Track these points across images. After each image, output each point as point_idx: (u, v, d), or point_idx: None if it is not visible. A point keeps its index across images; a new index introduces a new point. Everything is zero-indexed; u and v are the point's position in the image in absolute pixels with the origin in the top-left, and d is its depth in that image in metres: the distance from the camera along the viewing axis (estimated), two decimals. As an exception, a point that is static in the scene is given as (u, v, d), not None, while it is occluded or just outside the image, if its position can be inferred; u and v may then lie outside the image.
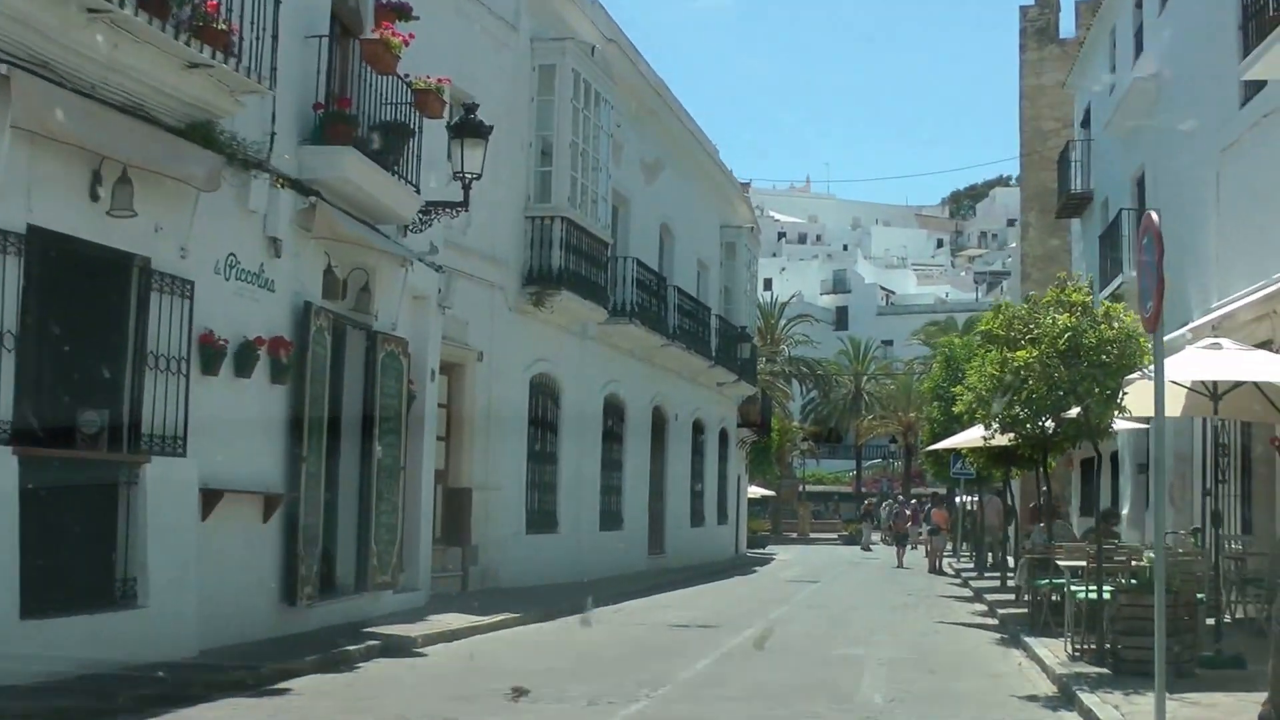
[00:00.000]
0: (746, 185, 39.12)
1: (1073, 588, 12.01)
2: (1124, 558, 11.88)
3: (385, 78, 13.58)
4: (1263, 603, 12.78)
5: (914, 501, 46.82)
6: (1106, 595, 10.90)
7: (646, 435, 27.45)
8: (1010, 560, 24.81)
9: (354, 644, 11.61)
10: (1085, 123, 30.53)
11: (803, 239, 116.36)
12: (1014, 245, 59.34)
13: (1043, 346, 11.14)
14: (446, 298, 16.80)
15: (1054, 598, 14.14)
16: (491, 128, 15.05)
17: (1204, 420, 16.75)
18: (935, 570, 31.46)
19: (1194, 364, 10.80)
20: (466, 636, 13.58)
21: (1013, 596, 19.32)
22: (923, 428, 37.85)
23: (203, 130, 10.40)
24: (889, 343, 78.81)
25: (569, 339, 22.57)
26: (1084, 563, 11.90)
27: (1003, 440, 16.25)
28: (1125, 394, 10.89)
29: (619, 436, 25.82)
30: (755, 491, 48.91)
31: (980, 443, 17.42)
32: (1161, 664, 7.43)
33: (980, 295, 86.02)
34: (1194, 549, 14.29)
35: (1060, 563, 12.84)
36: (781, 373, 59.52)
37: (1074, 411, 11.69)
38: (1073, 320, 11.14)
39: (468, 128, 14.83)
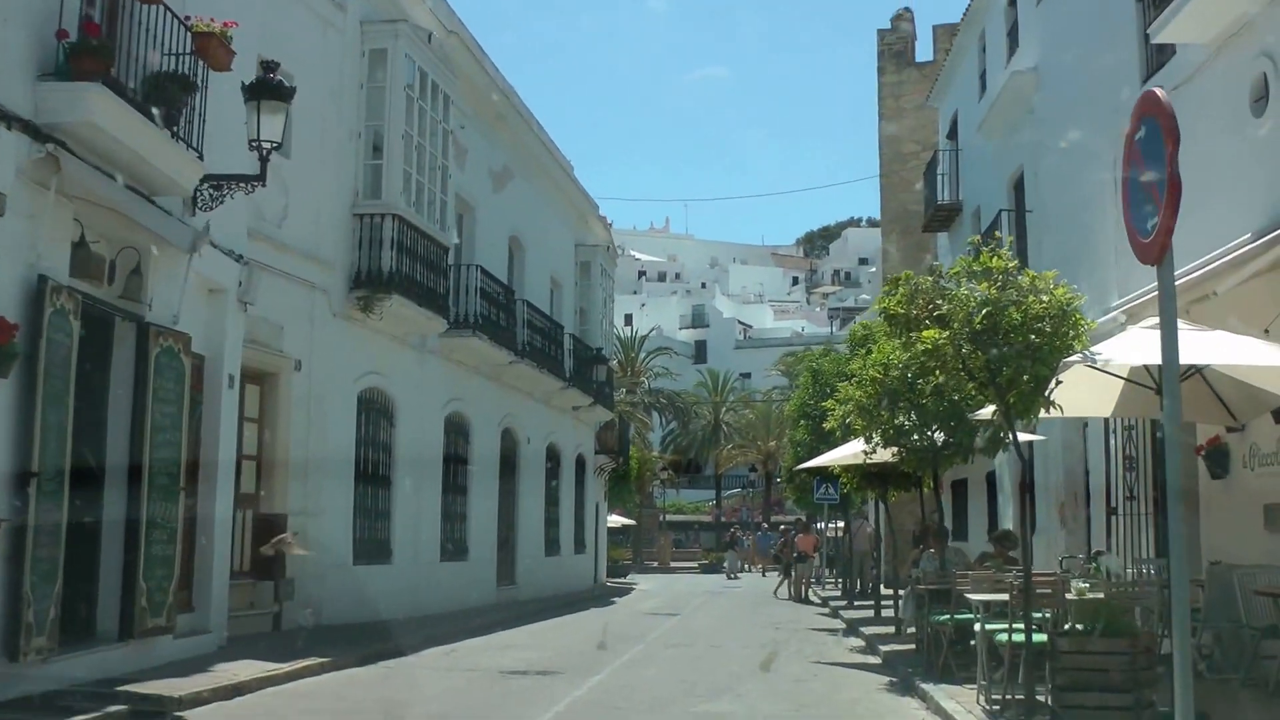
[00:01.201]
0: (608, 224, 37.62)
1: (989, 626, 9.98)
2: (1048, 590, 9.71)
3: (163, 21, 11.25)
4: (1196, 637, 11.07)
5: (782, 528, 45.91)
6: (1040, 638, 8.87)
7: (495, 459, 25.26)
8: (883, 589, 23.27)
9: (91, 710, 9.04)
10: (952, 134, 29.39)
11: (663, 277, 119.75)
12: (873, 271, 58.91)
13: (955, 325, 9.01)
14: (249, 292, 14.42)
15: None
16: (294, 90, 12.76)
17: (1105, 428, 15.26)
18: (801, 598, 30.10)
19: (1140, 347, 8.18)
20: (254, 690, 11.12)
21: (893, 630, 17.53)
22: (785, 452, 36.59)
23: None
24: (747, 375, 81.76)
25: (405, 351, 20.37)
26: (1005, 596, 9.76)
27: (886, 455, 14.54)
28: (1059, 382, 8.67)
29: (464, 459, 23.52)
30: (616, 520, 48.02)
31: (860, 459, 15.67)
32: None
33: (834, 329, 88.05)
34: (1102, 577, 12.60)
35: (970, 595, 10.67)
36: (642, 403, 59.55)
37: (986, 412, 9.71)
38: (993, 292, 8.97)
39: (265, 88, 12.48)
